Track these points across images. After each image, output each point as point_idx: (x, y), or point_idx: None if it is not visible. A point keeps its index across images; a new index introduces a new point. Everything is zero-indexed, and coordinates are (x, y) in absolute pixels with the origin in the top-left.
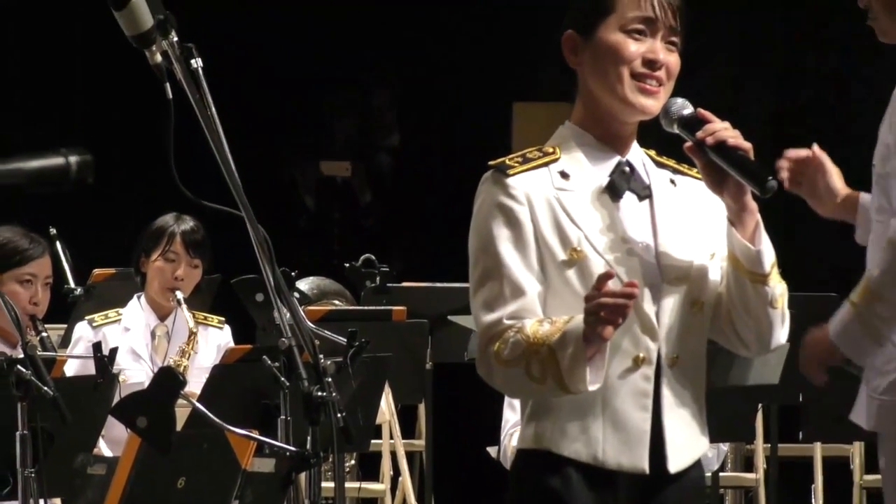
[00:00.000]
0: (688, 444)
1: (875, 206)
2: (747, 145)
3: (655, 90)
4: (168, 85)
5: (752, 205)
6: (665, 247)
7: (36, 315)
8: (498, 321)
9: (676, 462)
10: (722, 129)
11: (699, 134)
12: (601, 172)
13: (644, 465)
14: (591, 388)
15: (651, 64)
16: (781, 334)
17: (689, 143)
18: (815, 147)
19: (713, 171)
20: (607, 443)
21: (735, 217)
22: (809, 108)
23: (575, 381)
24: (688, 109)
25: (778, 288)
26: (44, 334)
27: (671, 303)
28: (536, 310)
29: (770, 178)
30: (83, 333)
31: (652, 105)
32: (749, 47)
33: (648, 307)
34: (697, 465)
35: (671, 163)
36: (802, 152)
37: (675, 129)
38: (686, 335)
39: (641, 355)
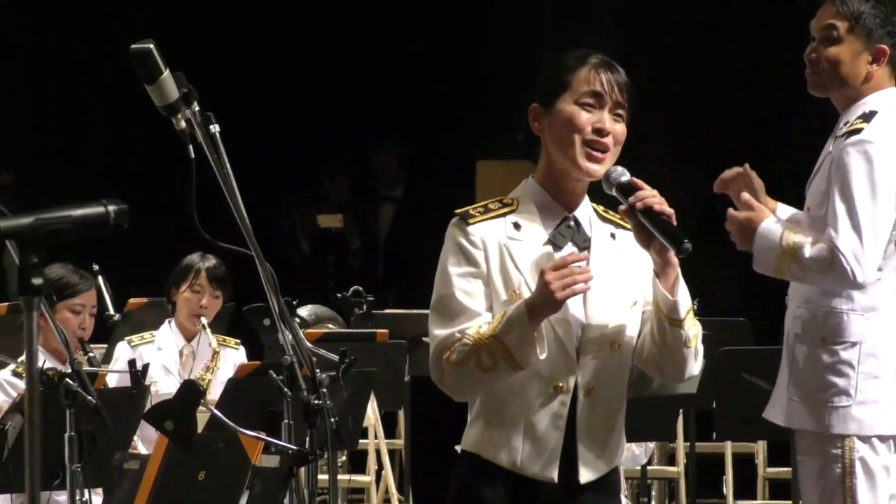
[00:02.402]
0: (598, 459)
1: None
2: (670, 211)
3: (601, 157)
4: (191, 146)
5: (674, 261)
6: (593, 295)
7: (84, 338)
8: (450, 335)
9: (587, 475)
10: (650, 197)
11: (631, 199)
12: (549, 225)
13: (553, 475)
14: (542, 357)
15: (599, 132)
16: (694, 367)
17: (623, 207)
18: (747, 166)
19: (642, 231)
20: (525, 454)
21: (659, 270)
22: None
23: (525, 356)
24: (625, 177)
25: (692, 330)
26: (91, 354)
27: (592, 342)
28: None
29: (686, 241)
30: (123, 352)
31: (597, 169)
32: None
33: (570, 345)
34: (613, 472)
35: (615, 218)
36: (736, 170)
37: (613, 193)
38: (603, 370)
39: (560, 384)
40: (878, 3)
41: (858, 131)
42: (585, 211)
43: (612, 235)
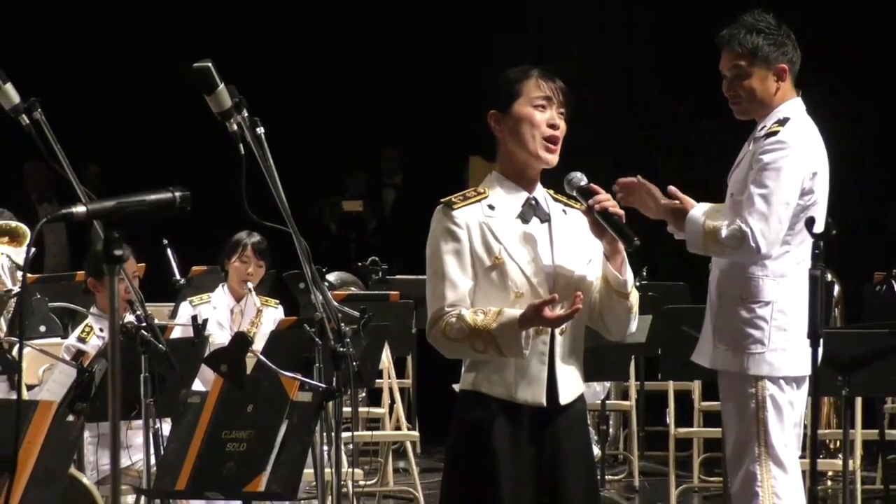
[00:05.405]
0: (572, 385)
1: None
2: (621, 212)
3: (555, 149)
4: (241, 145)
5: (621, 248)
6: (558, 255)
7: (131, 300)
8: (441, 308)
9: (565, 397)
10: (605, 200)
11: (590, 202)
12: (516, 204)
13: (542, 399)
14: (525, 353)
15: (553, 126)
16: (633, 327)
17: (583, 207)
18: (639, 177)
19: (597, 226)
20: (518, 385)
21: (609, 254)
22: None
23: (514, 353)
24: (584, 182)
25: (633, 299)
26: (138, 312)
27: (561, 290)
28: (467, 300)
29: (635, 239)
30: (185, 310)
31: (552, 158)
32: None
33: (546, 293)
34: (581, 401)
35: (563, 199)
36: (630, 179)
37: (574, 194)
38: None
39: (541, 327)
40: (767, 33)
41: (775, 133)
42: (541, 193)
43: (564, 211)
